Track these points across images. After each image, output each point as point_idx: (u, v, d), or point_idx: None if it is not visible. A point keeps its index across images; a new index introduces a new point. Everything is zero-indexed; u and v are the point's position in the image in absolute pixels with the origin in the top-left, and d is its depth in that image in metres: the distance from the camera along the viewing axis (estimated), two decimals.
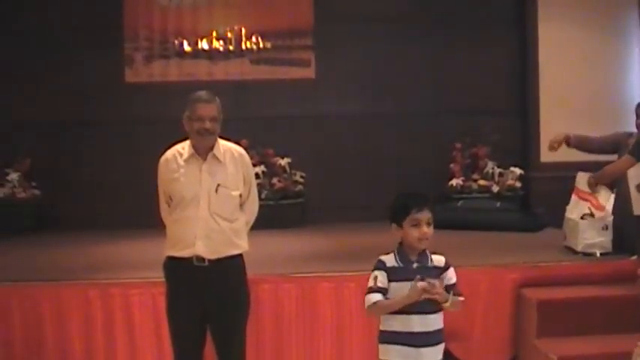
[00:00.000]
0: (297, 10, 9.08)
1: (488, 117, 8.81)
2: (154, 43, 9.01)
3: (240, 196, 4.24)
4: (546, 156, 8.75)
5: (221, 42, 9.03)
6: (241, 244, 4.24)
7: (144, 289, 5.19)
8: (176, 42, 9.01)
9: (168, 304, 4.24)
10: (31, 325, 5.19)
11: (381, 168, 8.92)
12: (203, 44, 9.02)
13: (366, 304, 3.49)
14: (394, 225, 3.54)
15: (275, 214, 8.14)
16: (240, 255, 4.25)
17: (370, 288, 3.49)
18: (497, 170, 8.60)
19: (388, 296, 3.46)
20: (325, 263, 6.03)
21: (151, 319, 5.14)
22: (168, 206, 4.22)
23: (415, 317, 3.42)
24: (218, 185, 4.13)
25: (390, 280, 3.47)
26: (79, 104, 8.87)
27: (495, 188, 8.47)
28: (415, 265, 3.49)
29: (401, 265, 3.50)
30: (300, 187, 8.60)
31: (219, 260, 4.10)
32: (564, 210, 7.77)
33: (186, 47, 9.01)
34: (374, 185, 8.85)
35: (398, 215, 3.52)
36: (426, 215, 3.48)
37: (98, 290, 5.25)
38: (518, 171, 8.57)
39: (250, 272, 4.42)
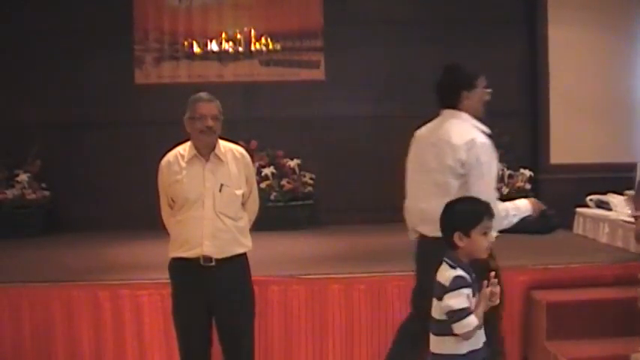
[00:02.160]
0: (306, 12, 9.09)
1: (497, 119, 8.62)
2: (164, 44, 9.03)
3: (243, 195, 4.26)
4: (556, 158, 8.76)
5: (231, 43, 9.04)
6: (246, 243, 4.26)
7: (153, 291, 5.21)
8: (186, 43, 9.02)
9: (174, 306, 4.24)
10: (41, 326, 5.22)
11: (390, 169, 8.84)
12: (213, 46, 9.04)
13: (466, 329, 3.13)
14: (457, 234, 3.23)
15: (284, 215, 8.17)
16: (245, 254, 4.27)
17: (465, 310, 3.13)
18: (507, 172, 8.58)
19: None
20: (334, 265, 6.03)
21: (160, 320, 5.16)
22: (171, 208, 4.22)
23: (480, 332, 3.22)
24: (222, 185, 4.14)
25: None
26: (89, 106, 8.90)
27: (505, 190, 8.44)
28: (473, 275, 3.25)
29: (468, 276, 3.22)
30: (309, 188, 8.60)
31: (225, 259, 4.12)
32: (574, 212, 7.78)
33: (196, 49, 9.02)
34: (384, 187, 8.83)
35: (468, 223, 3.24)
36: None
37: (108, 291, 5.27)
38: (527, 173, 8.55)
39: (259, 273, 4.44)
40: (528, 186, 8.52)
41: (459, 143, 3.92)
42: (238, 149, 4.34)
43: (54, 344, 5.21)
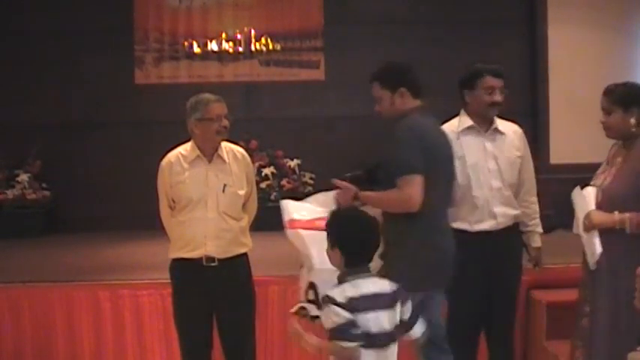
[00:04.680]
0: (307, 12, 9.09)
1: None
2: (164, 44, 9.03)
3: (244, 195, 4.27)
4: (556, 158, 8.76)
5: (231, 43, 9.05)
6: (247, 243, 4.29)
7: (153, 290, 5.21)
8: (186, 44, 9.03)
9: (175, 306, 4.24)
10: (41, 326, 5.22)
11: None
12: (213, 46, 9.04)
13: None
14: None
15: None
16: (246, 253, 4.28)
17: None
18: None
19: None
20: None
21: (161, 320, 5.16)
22: (171, 209, 4.21)
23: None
24: (225, 185, 4.14)
25: None
26: (90, 106, 8.90)
27: None
28: None
29: None
30: (309, 188, 8.59)
31: (227, 259, 4.13)
32: (574, 212, 7.76)
33: (196, 49, 9.03)
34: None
35: None
36: None
37: (108, 291, 5.27)
38: None
39: (259, 273, 4.44)
40: None
41: None
42: (239, 150, 4.35)
43: (54, 344, 5.21)
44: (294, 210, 3.80)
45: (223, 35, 9.04)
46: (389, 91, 3.86)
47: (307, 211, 3.80)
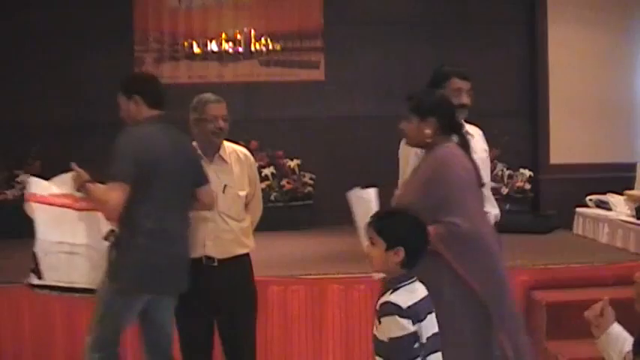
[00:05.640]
0: (306, 12, 9.08)
1: (497, 119, 8.76)
2: (164, 45, 9.03)
3: (246, 196, 4.26)
4: (556, 158, 8.76)
5: (230, 44, 9.04)
6: (249, 243, 4.28)
7: None
8: (186, 44, 9.02)
9: (176, 307, 4.23)
10: (41, 326, 5.22)
11: (390, 170, 8.89)
12: (212, 46, 9.03)
13: None
14: None
15: (284, 215, 8.17)
16: (248, 254, 4.27)
17: None
18: (507, 172, 8.58)
19: None
20: (335, 265, 6.03)
21: None
22: None
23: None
24: (225, 186, 4.14)
25: None
26: (89, 106, 8.89)
27: (505, 190, 8.45)
28: None
29: None
30: (309, 188, 8.60)
31: (228, 260, 4.12)
32: (574, 212, 7.78)
33: (196, 49, 9.02)
34: (383, 187, 8.84)
35: None
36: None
37: None
38: (527, 173, 8.55)
39: (259, 273, 4.44)
40: (528, 186, 8.52)
41: None
42: (242, 150, 4.35)
43: (54, 344, 5.21)
44: (35, 186, 4.11)
45: (223, 35, 9.03)
46: (125, 98, 4.03)
47: (47, 188, 4.08)
